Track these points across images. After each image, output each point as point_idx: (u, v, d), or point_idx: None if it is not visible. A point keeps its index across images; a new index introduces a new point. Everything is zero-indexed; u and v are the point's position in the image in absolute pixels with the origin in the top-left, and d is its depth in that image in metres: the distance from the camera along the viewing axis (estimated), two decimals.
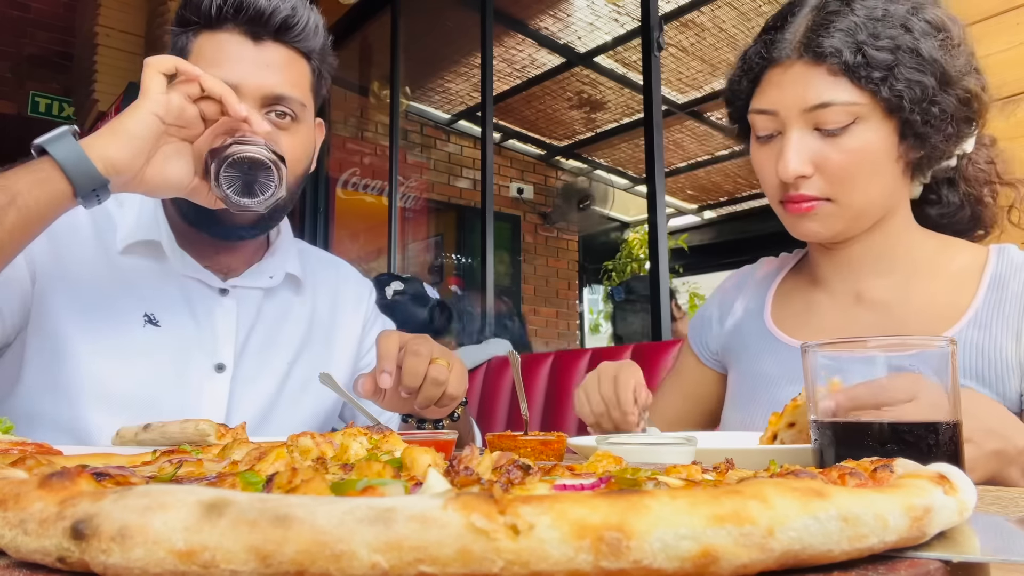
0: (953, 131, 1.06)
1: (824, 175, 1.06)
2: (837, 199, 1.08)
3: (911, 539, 0.36)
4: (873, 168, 1.06)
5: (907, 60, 1.01)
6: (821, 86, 1.04)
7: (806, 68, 1.06)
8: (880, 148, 1.06)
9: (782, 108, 1.08)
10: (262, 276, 1.36)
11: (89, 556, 0.30)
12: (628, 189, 8.34)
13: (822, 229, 1.11)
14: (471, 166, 7.14)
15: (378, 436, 0.62)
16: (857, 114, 1.04)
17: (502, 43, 5.82)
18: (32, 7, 6.49)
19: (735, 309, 1.38)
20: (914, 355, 0.66)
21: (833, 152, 1.05)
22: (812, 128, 1.06)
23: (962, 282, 1.10)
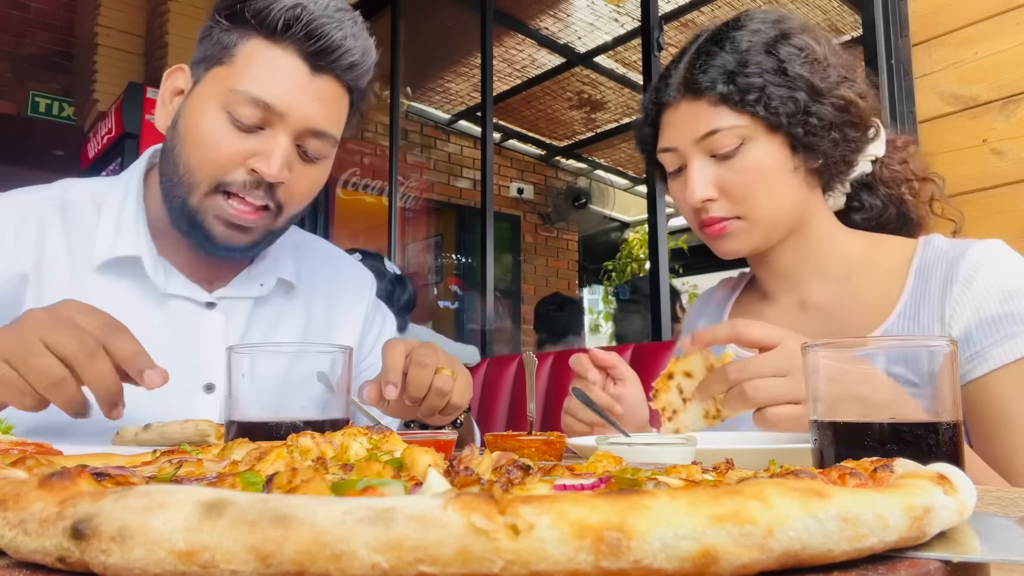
0: (839, 136, 1.14)
1: (728, 196, 1.15)
2: (745, 215, 1.15)
3: (911, 539, 0.36)
4: (771, 182, 1.14)
5: (775, 80, 1.11)
6: (705, 116, 1.14)
7: (690, 104, 1.16)
8: (773, 162, 1.14)
9: (679, 143, 1.17)
10: (252, 284, 1.30)
11: (89, 556, 0.30)
12: (628, 189, 8.34)
13: (739, 245, 1.19)
14: (471, 166, 7.14)
15: (378, 436, 0.62)
16: (743, 135, 1.13)
17: (502, 43, 5.82)
18: (32, 7, 6.49)
19: None
20: (916, 355, 0.66)
21: (730, 174, 1.14)
22: (709, 156, 1.15)
23: (892, 277, 1.16)
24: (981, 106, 1.93)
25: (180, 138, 1.16)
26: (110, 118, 5.43)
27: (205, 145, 1.12)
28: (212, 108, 1.13)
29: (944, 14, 2.02)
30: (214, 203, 1.14)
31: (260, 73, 1.12)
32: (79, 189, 1.27)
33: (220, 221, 1.15)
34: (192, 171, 1.14)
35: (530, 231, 7.82)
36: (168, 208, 1.20)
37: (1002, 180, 1.88)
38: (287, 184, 1.16)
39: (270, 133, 1.13)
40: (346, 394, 0.89)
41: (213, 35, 1.17)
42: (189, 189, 1.15)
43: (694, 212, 1.19)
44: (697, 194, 1.14)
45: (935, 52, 2.03)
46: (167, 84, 1.21)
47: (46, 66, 6.49)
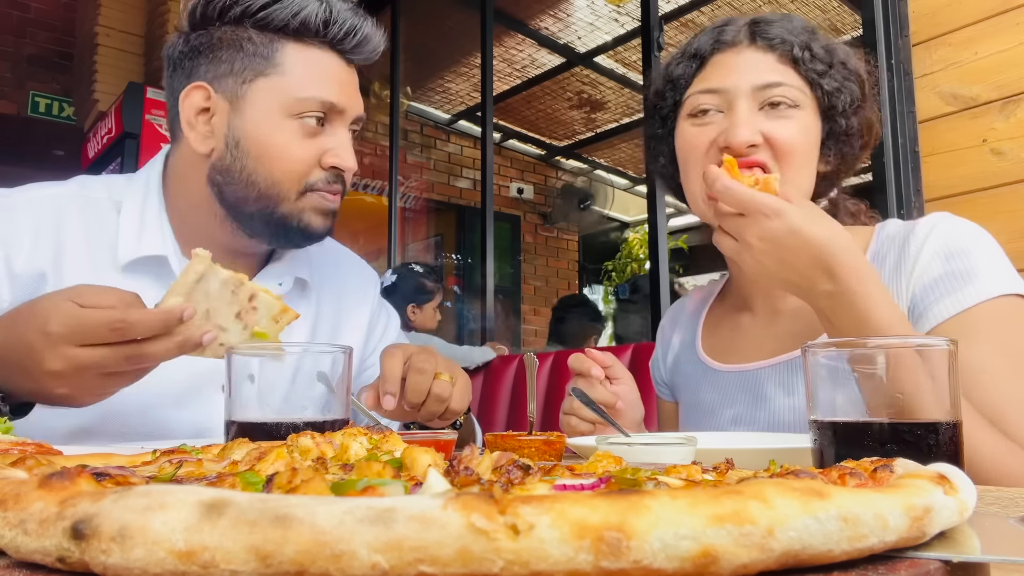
0: (856, 153, 1.17)
1: (772, 147, 1.10)
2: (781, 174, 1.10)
3: (911, 539, 0.36)
4: (808, 154, 1.13)
5: (839, 66, 1.13)
6: (771, 69, 1.13)
7: (757, 53, 1.14)
8: (814, 140, 1.14)
9: (732, 86, 1.13)
10: (271, 283, 1.32)
11: (89, 556, 0.30)
12: (628, 189, 8.34)
13: None
14: (471, 166, 7.14)
15: (378, 436, 0.62)
16: (799, 101, 1.12)
17: (502, 43, 5.82)
18: (32, 7, 6.49)
19: (672, 344, 1.44)
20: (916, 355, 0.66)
21: (779, 127, 1.10)
22: (759, 107, 1.12)
23: None
24: (981, 106, 1.93)
25: (250, 156, 1.18)
26: (110, 118, 5.43)
27: (285, 156, 1.18)
28: (279, 119, 1.18)
29: (944, 14, 2.02)
30: (309, 202, 1.21)
31: (315, 76, 1.20)
32: (96, 185, 1.28)
33: (318, 213, 1.22)
34: (279, 183, 1.19)
35: (530, 231, 7.83)
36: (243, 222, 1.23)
37: (1002, 180, 1.88)
38: None
39: (330, 129, 1.21)
40: (346, 394, 0.89)
41: (244, 48, 1.18)
42: (279, 199, 1.20)
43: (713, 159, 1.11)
44: (745, 135, 1.08)
45: (935, 52, 2.03)
46: (188, 104, 1.20)
47: (46, 66, 6.49)
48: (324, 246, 1.47)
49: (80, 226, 1.21)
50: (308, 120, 1.18)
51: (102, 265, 1.20)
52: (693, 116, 1.17)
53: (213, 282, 0.98)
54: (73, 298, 0.91)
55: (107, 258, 1.20)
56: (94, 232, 1.21)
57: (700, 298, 1.45)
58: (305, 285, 1.38)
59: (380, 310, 1.53)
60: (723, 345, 1.31)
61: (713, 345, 1.33)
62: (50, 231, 1.18)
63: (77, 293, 0.92)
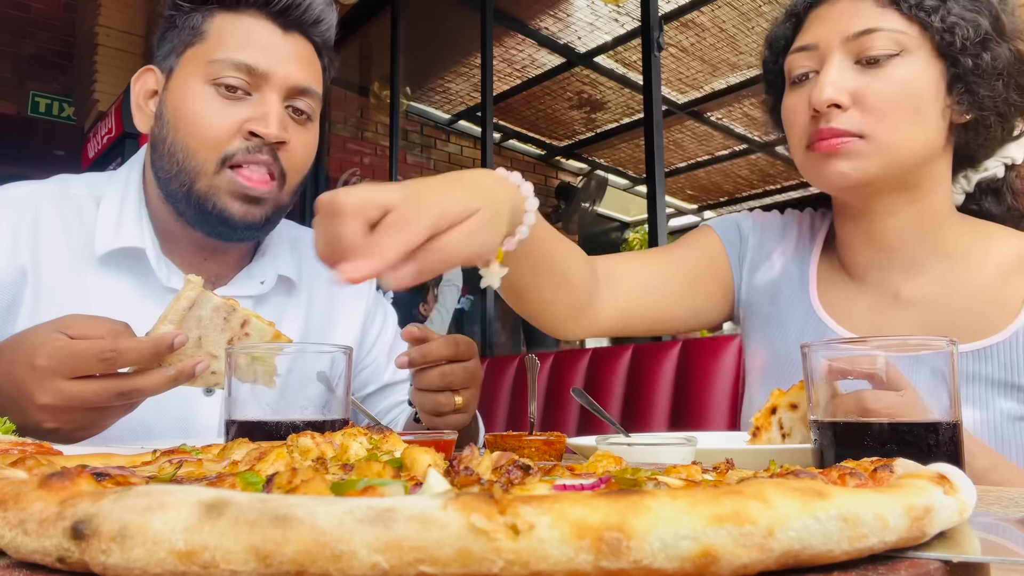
0: (1004, 92, 0.99)
1: (861, 108, 0.99)
2: (871, 135, 0.99)
3: (911, 539, 0.36)
4: (915, 107, 0.99)
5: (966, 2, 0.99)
6: (867, 14, 1.00)
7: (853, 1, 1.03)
8: (926, 88, 0.99)
9: (823, 40, 1.03)
10: (252, 282, 1.29)
11: (89, 556, 0.30)
12: (628, 189, 8.34)
13: (851, 170, 1.00)
14: (471, 166, 7.14)
15: (378, 436, 0.62)
16: (903, 45, 0.99)
17: (502, 43, 5.82)
18: (32, 7, 6.49)
19: (773, 260, 1.24)
20: (916, 355, 0.66)
21: (873, 82, 0.99)
22: (853, 60, 1.01)
23: (1010, 274, 1.03)
24: None
25: (171, 127, 1.16)
26: (110, 118, 5.44)
27: (200, 123, 1.13)
28: (197, 86, 1.15)
29: None
30: (225, 179, 1.15)
31: (236, 40, 1.15)
32: (76, 182, 1.27)
33: (235, 197, 1.15)
34: (194, 153, 1.14)
35: None
36: (173, 203, 1.19)
37: None
38: (287, 148, 1.18)
39: (258, 97, 1.15)
40: (346, 394, 0.89)
41: (177, 24, 1.18)
42: (196, 173, 1.15)
43: (808, 125, 1.03)
44: (827, 93, 0.98)
45: None
46: (138, 87, 1.22)
47: (46, 66, 6.49)
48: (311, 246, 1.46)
49: (58, 221, 1.19)
50: (227, 83, 1.13)
51: (80, 258, 1.18)
52: (793, 83, 1.08)
53: (205, 308, 0.96)
54: (61, 329, 0.89)
55: (85, 252, 1.18)
56: (73, 226, 1.19)
57: (807, 229, 1.25)
58: (291, 284, 1.34)
59: (376, 307, 1.50)
60: (837, 306, 1.14)
61: (830, 303, 1.15)
62: (28, 228, 1.17)
63: (65, 324, 0.90)
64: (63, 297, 1.15)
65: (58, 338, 0.88)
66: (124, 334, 0.91)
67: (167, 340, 0.90)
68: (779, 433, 0.89)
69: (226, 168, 1.14)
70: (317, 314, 1.38)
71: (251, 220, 1.17)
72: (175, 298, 0.95)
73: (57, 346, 0.87)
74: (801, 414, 0.87)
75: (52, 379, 0.87)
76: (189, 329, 0.95)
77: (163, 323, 0.94)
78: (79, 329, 0.89)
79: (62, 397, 0.87)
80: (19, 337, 0.92)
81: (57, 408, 0.88)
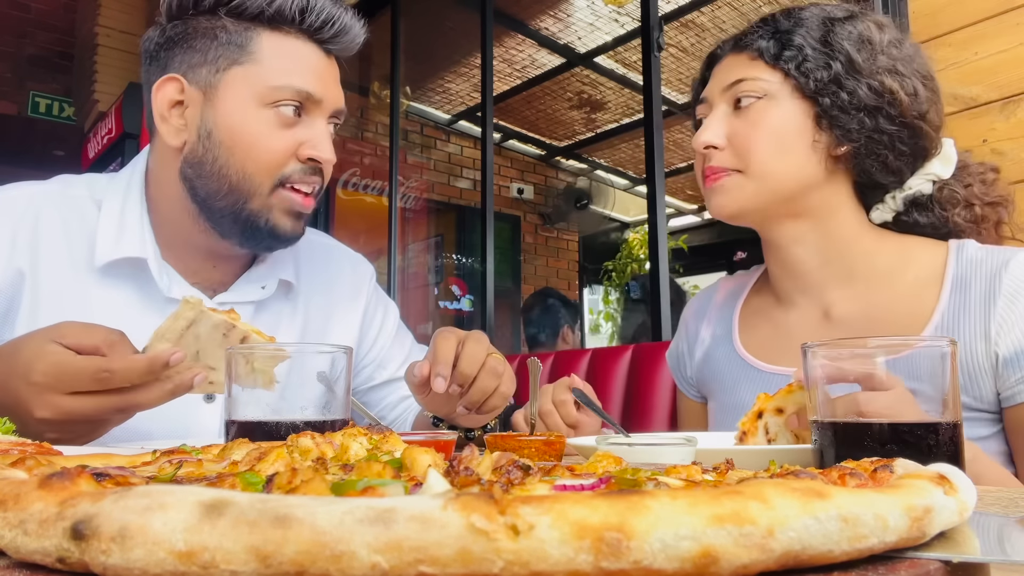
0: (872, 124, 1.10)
1: (732, 147, 1.15)
2: (744, 169, 1.14)
3: (911, 539, 0.36)
4: (780, 142, 1.13)
5: (815, 46, 1.12)
6: (739, 67, 1.18)
7: (733, 58, 1.20)
8: (790, 126, 1.13)
9: (710, 93, 1.21)
10: (253, 287, 1.29)
11: (89, 556, 0.30)
12: (628, 189, 8.33)
13: (728, 201, 1.16)
14: (471, 166, 7.14)
15: (378, 436, 0.62)
16: (766, 90, 1.14)
17: (502, 43, 5.82)
18: (32, 7, 6.49)
19: (701, 337, 1.38)
20: (915, 355, 0.66)
21: (741, 125, 1.14)
22: (732, 107, 1.17)
23: (925, 287, 1.11)
24: (981, 106, 1.93)
25: (224, 148, 1.15)
26: (110, 118, 5.44)
27: (259, 147, 1.14)
28: (253, 108, 1.14)
29: (944, 14, 2.02)
30: (280, 199, 1.17)
31: (292, 65, 1.17)
32: (77, 183, 1.26)
33: (288, 214, 1.18)
34: (251, 176, 1.15)
35: (530, 231, 7.82)
36: (213, 220, 1.19)
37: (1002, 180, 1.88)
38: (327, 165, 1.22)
39: (308, 120, 1.18)
40: (346, 394, 0.89)
41: (227, 39, 1.16)
42: (250, 194, 1.16)
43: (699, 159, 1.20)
44: (702, 137, 1.15)
45: (935, 52, 2.02)
46: (161, 97, 1.18)
47: (46, 66, 6.49)
48: (312, 243, 1.44)
49: (59, 224, 1.19)
50: (284, 110, 1.14)
51: (80, 264, 1.17)
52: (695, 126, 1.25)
53: (204, 326, 0.95)
54: (56, 338, 0.89)
55: (86, 257, 1.18)
56: (74, 230, 1.19)
57: (731, 289, 1.40)
58: (290, 287, 1.34)
59: (376, 303, 1.50)
60: (765, 342, 1.26)
61: (753, 341, 1.28)
62: (28, 231, 1.17)
63: (60, 333, 0.90)
64: (62, 303, 1.14)
65: (53, 351, 0.88)
66: (120, 344, 0.91)
67: (163, 359, 0.90)
68: (765, 438, 0.92)
69: (280, 188, 1.17)
70: (315, 318, 1.38)
71: (296, 232, 1.21)
72: (172, 316, 0.95)
73: (53, 361, 0.87)
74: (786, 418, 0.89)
75: (49, 394, 0.88)
76: (187, 345, 0.95)
77: (159, 340, 0.94)
78: (74, 338, 0.89)
79: (60, 412, 0.88)
80: (13, 346, 0.92)
81: (56, 421, 0.89)
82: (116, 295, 1.18)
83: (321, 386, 0.88)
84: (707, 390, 1.36)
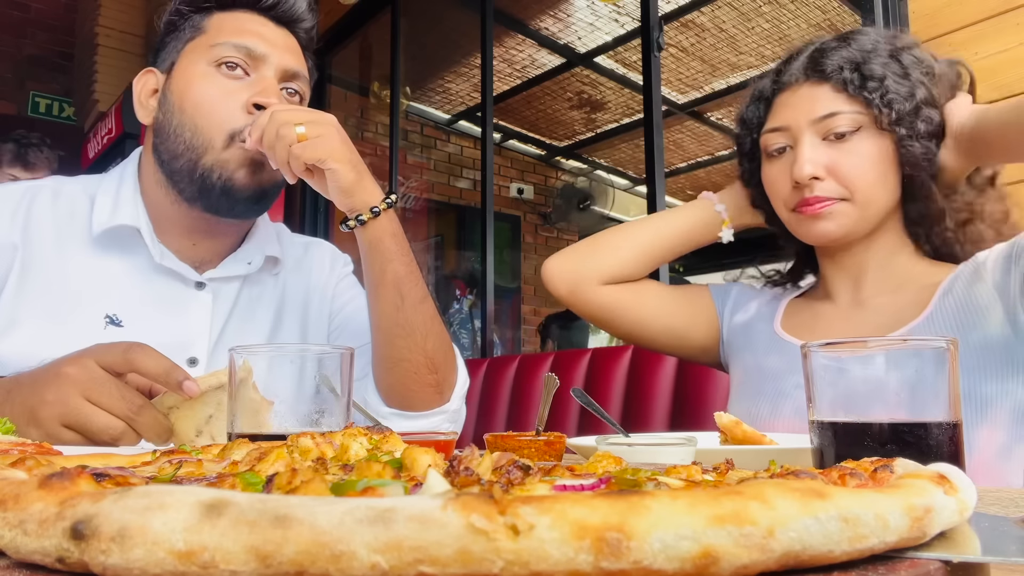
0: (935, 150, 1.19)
1: (836, 177, 1.19)
2: (850, 197, 1.20)
3: (911, 539, 0.36)
4: (880, 172, 1.19)
5: (896, 78, 1.19)
6: (827, 99, 1.21)
7: (813, 87, 1.23)
8: (884, 154, 1.19)
9: (793, 123, 1.23)
10: (240, 264, 1.35)
11: (89, 556, 0.30)
12: (628, 189, 8.33)
13: (835, 227, 1.21)
14: (471, 166, 7.14)
15: (378, 436, 0.62)
16: (860, 123, 1.19)
17: (502, 43, 5.82)
18: (32, 7, 6.49)
19: (748, 307, 1.47)
20: (915, 354, 0.66)
21: (843, 156, 1.19)
22: (821, 139, 1.20)
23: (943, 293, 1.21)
24: None
25: (177, 109, 1.23)
26: (110, 118, 5.44)
27: (208, 100, 1.21)
28: (201, 69, 1.24)
29: (944, 14, 2.02)
30: (233, 153, 1.21)
31: (234, 28, 1.26)
32: (70, 182, 1.35)
33: (242, 166, 1.21)
34: (203, 131, 1.21)
35: (530, 231, 7.82)
36: (174, 181, 1.25)
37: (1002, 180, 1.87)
38: None
39: (257, 76, 1.25)
40: (347, 395, 0.89)
41: (178, 27, 1.30)
42: (204, 149, 1.21)
43: (792, 193, 1.23)
44: (807, 169, 1.18)
45: (935, 52, 2.02)
46: (139, 86, 1.31)
47: (46, 66, 6.49)
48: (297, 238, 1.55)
49: (50, 209, 1.27)
50: (228, 67, 1.23)
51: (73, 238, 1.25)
52: (770, 156, 1.28)
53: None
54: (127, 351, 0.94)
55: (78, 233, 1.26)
56: (63, 216, 1.27)
57: (781, 290, 1.49)
58: (276, 263, 1.42)
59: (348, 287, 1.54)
60: (802, 326, 1.35)
61: (792, 325, 1.37)
62: (23, 211, 1.25)
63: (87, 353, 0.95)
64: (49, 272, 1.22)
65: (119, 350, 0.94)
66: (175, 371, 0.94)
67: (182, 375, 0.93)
68: None
69: (233, 144, 1.21)
70: (293, 292, 1.45)
71: (254, 187, 1.23)
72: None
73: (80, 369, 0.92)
74: None
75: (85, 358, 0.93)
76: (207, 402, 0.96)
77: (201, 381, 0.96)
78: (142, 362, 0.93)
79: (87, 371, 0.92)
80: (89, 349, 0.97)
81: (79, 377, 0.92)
82: (109, 263, 1.25)
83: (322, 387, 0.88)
84: (732, 352, 1.45)
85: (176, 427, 0.97)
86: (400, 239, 1.21)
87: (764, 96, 1.32)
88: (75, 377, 0.92)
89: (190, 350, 1.26)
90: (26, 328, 1.17)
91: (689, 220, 1.46)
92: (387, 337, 1.20)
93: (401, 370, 1.21)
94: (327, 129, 1.14)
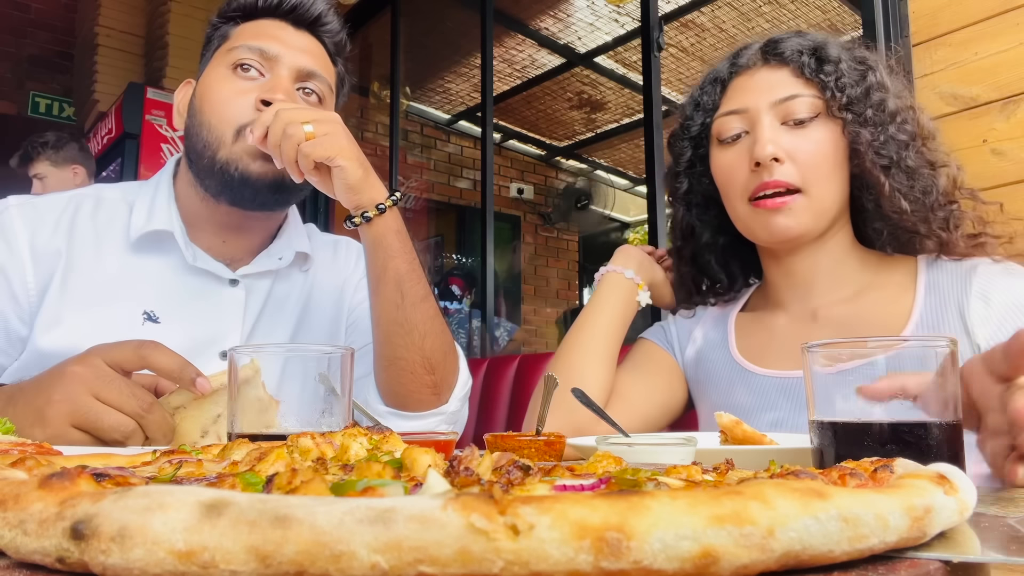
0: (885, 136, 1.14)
1: (795, 163, 1.15)
2: (807, 190, 1.15)
3: (911, 539, 0.36)
4: (833, 162, 1.16)
5: (851, 63, 1.17)
6: (787, 82, 1.18)
7: (771, 71, 1.21)
8: (837, 145, 1.16)
9: (752, 105, 1.19)
10: (271, 259, 1.38)
11: (89, 556, 0.30)
12: (628, 189, 8.33)
13: (794, 224, 1.16)
14: (471, 166, 7.14)
15: (378, 436, 0.62)
16: (818, 109, 1.16)
17: (502, 43, 5.82)
18: (32, 7, 6.49)
19: (694, 336, 1.39)
20: (915, 354, 0.66)
21: (802, 142, 1.15)
22: (780, 122, 1.17)
23: (901, 291, 1.18)
24: (981, 106, 1.93)
25: (198, 112, 1.28)
26: (110, 118, 5.43)
27: (221, 99, 1.25)
28: (220, 72, 1.29)
29: (944, 14, 2.02)
30: (242, 145, 1.23)
31: (252, 34, 1.31)
32: (111, 189, 1.40)
33: (251, 157, 1.23)
34: (215, 127, 1.24)
35: (530, 231, 7.82)
36: (201, 180, 1.29)
37: (1002, 180, 1.88)
38: None
39: (272, 76, 1.28)
40: (348, 395, 0.89)
41: (213, 35, 1.36)
42: (217, 144, 1.24)
43: (748, 181, 1.17)
44: (769, 149, 1.14)
45: (935, 52, 2.03)
46: (179, 97, 1.37)
47: (46, 66, 6.48)
48: (327, 237, 1.59)
49: (91, 217, 1.31)
50: (243, 69, 1.27)
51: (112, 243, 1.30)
52: (723, 143, 1.23)
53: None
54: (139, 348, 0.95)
55: (117, 238, 1.30)
56: (103, 222, 1.31)
57: (722, 304, 1.42)
58: (307, 259, 1.45)
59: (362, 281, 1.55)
60: (758, 347, 1.29)
61: (747, 347, 1.31)
62: (68, 219, 1.30)
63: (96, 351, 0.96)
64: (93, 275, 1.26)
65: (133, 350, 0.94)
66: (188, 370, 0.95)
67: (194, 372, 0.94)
68: None
69: (242, 136, 1.23)
70: (322, 287, 1.48)
71: (272, 176, 1.23)
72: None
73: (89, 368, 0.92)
74: None
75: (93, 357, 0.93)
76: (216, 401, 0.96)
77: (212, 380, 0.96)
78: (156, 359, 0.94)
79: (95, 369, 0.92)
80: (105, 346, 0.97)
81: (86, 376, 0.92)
82: (146, 264, 1.30)
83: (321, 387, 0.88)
84: (697, 390, 1.38)
85: (181, 427, 0.97)
86: (403, 236, 1.22)
87: (720, 78, 1.28)
88: (83, 375, 0.91)
89: (222, 344, 1.30)
90: (69, 323, 1.20)
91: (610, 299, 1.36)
92: (386, 335, 1.20)
93: (397, 368, 1.21)
94: (333, 127, 1.15)
